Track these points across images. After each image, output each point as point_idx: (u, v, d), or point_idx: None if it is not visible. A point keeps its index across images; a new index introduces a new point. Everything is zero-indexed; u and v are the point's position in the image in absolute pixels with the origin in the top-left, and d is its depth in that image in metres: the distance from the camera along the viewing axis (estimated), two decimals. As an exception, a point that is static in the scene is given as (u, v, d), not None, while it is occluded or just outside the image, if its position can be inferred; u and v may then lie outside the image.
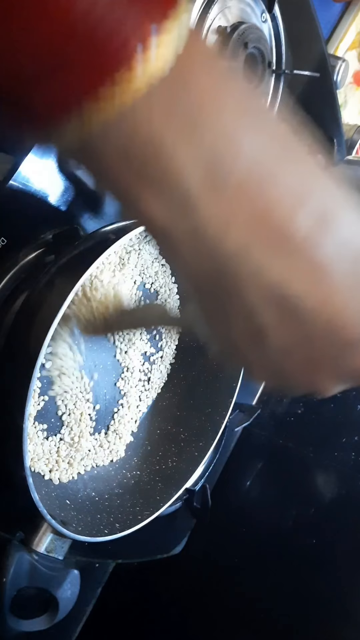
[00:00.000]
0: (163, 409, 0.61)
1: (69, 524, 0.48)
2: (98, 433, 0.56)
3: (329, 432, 0.85)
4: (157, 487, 0.57)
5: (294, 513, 0.81)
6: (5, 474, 0.44)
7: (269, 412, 0.88)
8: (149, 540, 0.64)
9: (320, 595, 0.71)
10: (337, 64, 0.88)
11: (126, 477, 0.57)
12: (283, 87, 0.71)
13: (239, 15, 0.62)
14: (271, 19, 0.67)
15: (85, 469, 0.55)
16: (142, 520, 0.53)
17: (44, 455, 0.51)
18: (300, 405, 0.89)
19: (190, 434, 0.60)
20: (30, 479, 0.43)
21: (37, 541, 0.50)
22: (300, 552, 0.75)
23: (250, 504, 0.84)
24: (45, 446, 0.51)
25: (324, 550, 0.75)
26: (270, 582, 0.73)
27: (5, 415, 0.42)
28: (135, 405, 0.59)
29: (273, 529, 0.78)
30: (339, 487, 0.80)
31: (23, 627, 0.50)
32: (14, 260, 0.49)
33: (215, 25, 0.59)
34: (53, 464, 0.52)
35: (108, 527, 0.52)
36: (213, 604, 0.74)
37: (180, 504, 0.63)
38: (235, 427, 0.71)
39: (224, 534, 0.78)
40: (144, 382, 0.59)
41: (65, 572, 0.52)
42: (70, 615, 0.53)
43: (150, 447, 0.60)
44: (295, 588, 0.72)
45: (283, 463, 0.86)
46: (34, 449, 0.50)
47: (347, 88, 1.10)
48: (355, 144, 0.94)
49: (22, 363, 0.41)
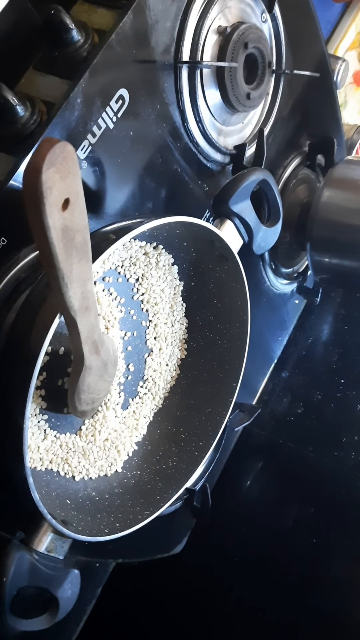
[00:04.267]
0: (163, 409, 0.61)
1: (69, 524, 0.48)
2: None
3: (329, 432, 0.85)
4: (158, 487, 0.57)
5: (294, 513, 0.81)
6: (5, 474, 0.44)
7: (269, 411, 0.89)
8: (149, 540, 0.64)
9: (320, 595, 0.71)
10: (337, 64, 0.88)
11: (126, 477, 0.57)
12: (283, 87, 0.71)
13: (239, 15, 0.62)
14: (271, 19, 0.67)
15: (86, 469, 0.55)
16: (142, 519, 0.53)
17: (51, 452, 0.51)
18: (301, 405, 0.89)
19: (191, 434, 0.60)
20: (30, 478, 0.43)
21: (38, 541, 0.50)
22: (300, 552, 0.76)
23: (250, 504, 0.84)
24: (48, 443, 0.51)
25: (324, 550, 0.75)
26: (270, 581, 0.73)
27: (5, 415, 0.42)
28: (143, 415, 0.59)
29: (273, 528, 0.79)
30: (339, 487, 0.80)
31: (23, 627, 0.50)
32: (14, 260, 0.49)
33: (215, 25, 0.59)
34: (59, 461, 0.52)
35: (108, 527, 0.52)
36: (213, 603, 0.74)
37: (181, 503, 0.63)
38: (235, 426, 0.71)
39: (224, 534, 0.78)
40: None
41: (66, 572, 0.52)
42: (71, 615, 0.53)
43: (150, 447, 0.60)
44: (295, 588, 0.72)
45: (283, 463, 0.86)
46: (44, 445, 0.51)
47: (347, 88, 1.10)
48: (355, 144, 0.94)
49: (22, 363, 0.41)
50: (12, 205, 0.47)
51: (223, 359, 0.60)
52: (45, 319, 0.41)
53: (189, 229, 0.52)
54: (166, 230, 0.52)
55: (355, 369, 0.90)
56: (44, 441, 0.51)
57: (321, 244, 0.77)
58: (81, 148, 0.51)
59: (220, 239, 0.54)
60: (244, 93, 0.63)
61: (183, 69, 0.58)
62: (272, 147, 0.73)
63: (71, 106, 0.49)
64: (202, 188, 0.65)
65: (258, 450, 0.88)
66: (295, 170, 0.79)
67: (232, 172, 0.66)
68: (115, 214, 0.56)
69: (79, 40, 0.50)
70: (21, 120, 0.48)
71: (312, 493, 0.81)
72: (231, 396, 0.60)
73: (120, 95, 0.52)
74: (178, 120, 0.59)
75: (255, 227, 0.59)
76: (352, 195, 0.76)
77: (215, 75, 0.61)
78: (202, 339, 0.61)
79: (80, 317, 0.41)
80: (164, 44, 0.55)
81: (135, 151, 0.56)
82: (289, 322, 0.93)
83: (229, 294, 0.58)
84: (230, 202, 0.56)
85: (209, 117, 0.62)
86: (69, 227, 0.35)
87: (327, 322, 0.98)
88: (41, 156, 0.32)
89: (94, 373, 0.47)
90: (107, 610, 0.70)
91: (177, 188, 0.62)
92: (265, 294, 0.84)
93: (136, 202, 0.58)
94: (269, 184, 0.61)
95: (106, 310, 0.53)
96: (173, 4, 0.55)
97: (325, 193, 0.75)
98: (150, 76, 0.55)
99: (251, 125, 0.69)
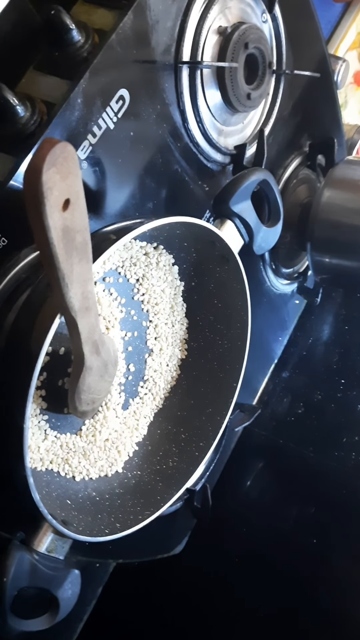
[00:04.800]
0: (164, 409, 0.61)
1: (69, 524, 0.48)
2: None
3: (329, 432, 0.85)
4: (158, 487, 0.57)
5: (294, 513, 0.81)
6: (5, 474, 0.44)
7: (270, 412, 0.88)
8: (149, 540, 0.64)
9: (321, 595, 0.71)
10: (337, 64, 0.88)
11: (127, 477, 0.57)
12: (283, 87, 0.71)
13: (239, 16, 0.62)
14: (272, 19, 0.67)
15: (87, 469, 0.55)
16: (142, 520, 0.53)
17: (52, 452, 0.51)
18: (301, 405, 0.89)
19: (191, 434, 0.60)
20: (31, 479, 0.43)
21: (38, 541, 0.50)
22: (301, 552, 0.75)
23: (250, 504, 0.84)
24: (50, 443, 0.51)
25: (324, 550, 0.75)
26: (270, 582, 0.73)
27: (5, 415, 0.42)
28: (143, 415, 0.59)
29: (273, 528, 0.78)
30: (340, 487, 0.80)
31: (24, 627, 0.50)
32: (14, 260, 0.49)
33: (215, 25, 0.59)
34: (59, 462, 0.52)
35: (109, 527, 0.52)
36: (213, 603, 0.74)
37: (181, 503, 0.63)
38: (235, 427, 0.71)
39: (225, 534, 0.78)
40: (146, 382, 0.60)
41: (66, 572, 0.52)
42: (71, 615, 0.53)
43: (151, 447, 0.60)
44: (296, 588, 0.72)
45: (283, 463, 0.86)
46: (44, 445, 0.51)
47: (348, 88, 1.10)
48: (355, 144, 0.94)
49: (22, 363, 0.41)
50: (13, 205, 0.47)
51: (223, 359, 0.60)
52: (46, 320, 0.41)
53: (190, 229, 0.52)
54: (167, 230, 0.52)
55: (355, 369, 0.90)
56: (44, 441, 0.51)
57: (322, 244, 0.77)
58: (81, 148, 0.51)
59: (220, 239, 0.54)
60: (244, 93, 0.63)
61: (183, 69, 0.58)
62: (273, 147, 0.73)
63: (71, 106, 0.49)
64: (202, 188, 0.65)
65: (258, 451, 0.88)
66: (295, 171, 0.79)
67: (233, 173, 0.66)
68: (116, 214, 0.56)
69: (79, 40, 0.50)
70: (21, 121, 0.48)
71: (313, 493, 0.81)
72: (231, 396, 0.60)
73: (120, 95, 0.52)
74: (178, 121, 0.59)
75: (256, 228, 0.59)
76: (353, 196, 0.76)
77: (215, 75, 0.61)
78: (202, 339, 0.61)
79: (81, 317, 0.41)
80: (165, 44, 0.55)
81: (135, 151, 0.56)
82: (289, 322, 0.93)
83: (229, 294, 0.58)
84: (231, 202, 0.56)
85: (210, 118, 0.62)
86: (70, 227, 0.35)
87: (327, 323, 0.98)
88: (42, 156, 0.32)
89: (95, 373, 0.47)
90: (107, 610, 0.70)
91: (177, 188, 0.62)
92: (265, 294, 0.83)
93: (136, 202, 0.58)
94: (269, 184, 0.61)
95: (107, 310, 0.53)
96: (173, 4, 0.55)
97: (325, 193, 0.75)
98: (150, 76, 0.55)
99: (251, 125, 0.69)
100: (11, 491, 0.45)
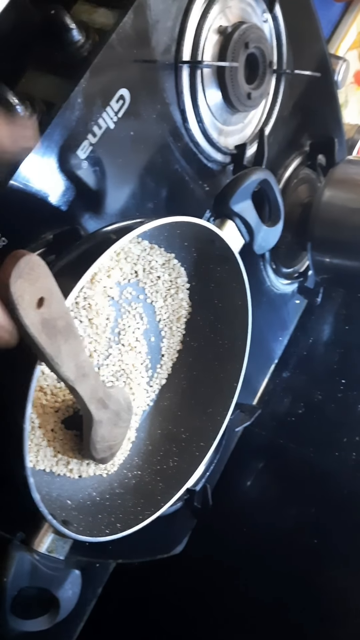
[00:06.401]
0: (164, 409, 0.61)
1: (70, 524, 0.48)
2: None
3: (329, 432, 0.85)
4: (158, 487, 0.57)
5: (294, 513, 0.81)
6: (5, 474, 0.44)
7: (270, 412, 0.88)
8: (149, 540, 0.64)
9: (321, 595, 0.71)
10: (338, 64, 0.88)
11: (127, 477, 0.57)
12: (284, 87, 0.71)
13: (239, 15, 0.62)
14: (272, 18, 0.67)
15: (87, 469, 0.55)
16: (143, 520, 0.53)
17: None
18: (301, 405, 0.89)
19: (191, 434, 0.60)
20: (31, 479, 0.43)
21: (38, 541, 0.50)
22: (301, 552, 0.75)
23: (250, 504, 0.84)
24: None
25: (324, 550, 0.75)
26: (270, 582, 0.73)
27: (5, 415, 0.42)
28: (135, 406, 0.59)
29: (273, 528, 0.78)
30: (340, 487, 0.80)
31: (24, 627, 0.50)
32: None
33: (216, 25, 0.59)
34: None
35: (109, 527, 0.52)
36: (213, 603, 0.74)
37: (181, 504, 0.63)
38: (236, 427, 0.71)
39: (225, 534, 0.78)
40: (146, 381, 0.60)
41: (66, 572, 0.52)
42: (71, 615, 0.53)
43: (151, 447, 0.60)
44: (296, 588, 0.72)
45: (284, 463, 0.86)
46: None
47: (348, 88, 1.10)
48: (356, 143, 0.94)
49: (22, 363, 0.41)
50: (12, 205, 0.47)
51: (224, 359, 0.60)
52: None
53: (190, 229, 0.52)
54: (167, 230, 0.52)
55: (356, 369, 0.90)
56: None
57: (322, 244, 0.77)
58: (82, 148, 0.50)
59: (221, 239, 0.54)
60: (244, 93, 0.63)
61: (184, 69, 0.58)
62: (273, 147, 0.73)
63: (71, 106, 0.49)
64: (202, 188, 0.65)
65: (259, 451, 0.88)
66: (296, 170, 0.79)
67: (233, 172, 0.66)
68: (116, 213, 0.56)
69: (79, 40, 0.50)
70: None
71: (313, 493, 0.80)
72: (232, 396, 0.60)
73: (120, 95, 0.52)
74: (179, 120, 0.59)
75: (256, 227, 0.59)
76: (353, 195, 0.75)
77: (215, 75, 0.61)
78: (203, 339, 0.61)
79: (79, 384, 0.44)
80: (165, 43, 0.55)
81: (135, 151, 0.56)
82: (289, 322, 0.93)
83: (229, 294, 0.58)
84: (231, 202, 0.56)
85: (210, 117, 0.62)
86: (48, 318, 0.38)
87: (328, 323, 0.98)
88: (7, 273, 0.36)
89: (106, 425, 0.49)
90: (108, 610, 0.70)
91: (177, 188, 0.62)
92: (266, 294, 0.83)
93: (137, 202, 0.58)
94: (270, 183, 0.61)
95: (108, 310, 0.53)
96: (174, 3, 0.55)
97: (326, 193, 0.75)
98: (150, 76, 0.55)
99: (252, 125, 0.69)
100: (11, 491, 0.44)
